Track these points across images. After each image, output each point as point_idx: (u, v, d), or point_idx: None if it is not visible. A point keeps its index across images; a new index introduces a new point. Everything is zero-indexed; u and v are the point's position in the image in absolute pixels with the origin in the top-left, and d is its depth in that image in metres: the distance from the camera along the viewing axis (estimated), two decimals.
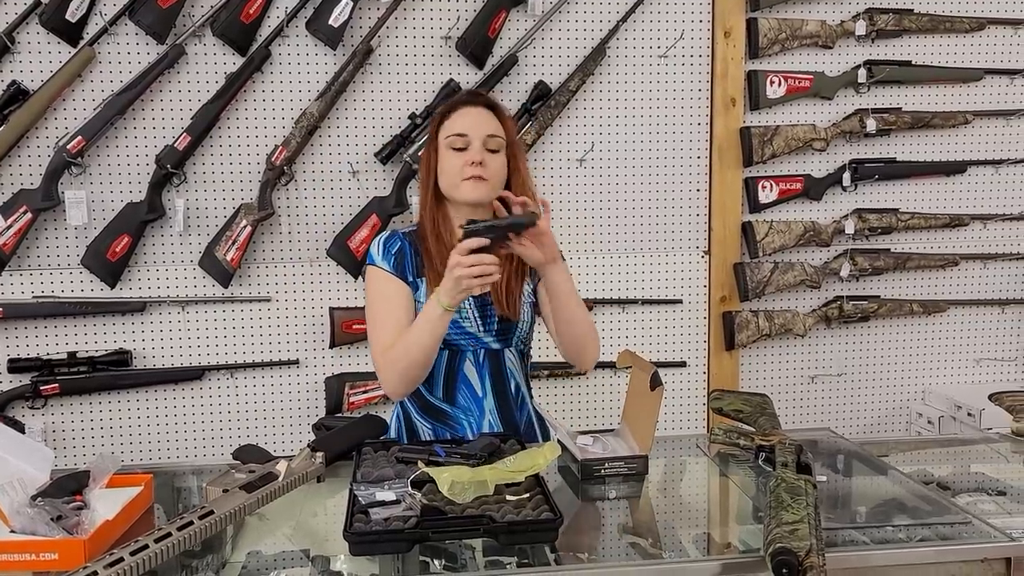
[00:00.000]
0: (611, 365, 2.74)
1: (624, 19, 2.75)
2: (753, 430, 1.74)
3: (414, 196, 2.70)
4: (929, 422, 3.00)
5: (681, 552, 1.37)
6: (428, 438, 1.81)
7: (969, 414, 2.82)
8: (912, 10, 2.89)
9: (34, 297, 2.58)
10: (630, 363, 1.74)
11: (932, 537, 1.37)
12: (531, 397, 1.90)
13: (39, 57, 2.52)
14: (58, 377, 2.58)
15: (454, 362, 1.80)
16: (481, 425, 1.80)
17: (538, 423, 1.90)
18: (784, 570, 1.16)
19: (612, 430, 1.75)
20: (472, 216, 1.71)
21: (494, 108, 1.80)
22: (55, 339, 2.61)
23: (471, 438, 1.72)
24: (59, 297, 2.60)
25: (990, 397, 2.06)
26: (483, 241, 1.54)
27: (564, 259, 1.78)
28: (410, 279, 1.79)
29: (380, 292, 1.79)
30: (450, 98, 1.90)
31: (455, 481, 1.33)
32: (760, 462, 1.63)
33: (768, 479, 1.41)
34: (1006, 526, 1.36)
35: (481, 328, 1.79)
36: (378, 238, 1.84)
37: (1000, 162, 3.01)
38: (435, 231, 1.79)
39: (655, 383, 1.62)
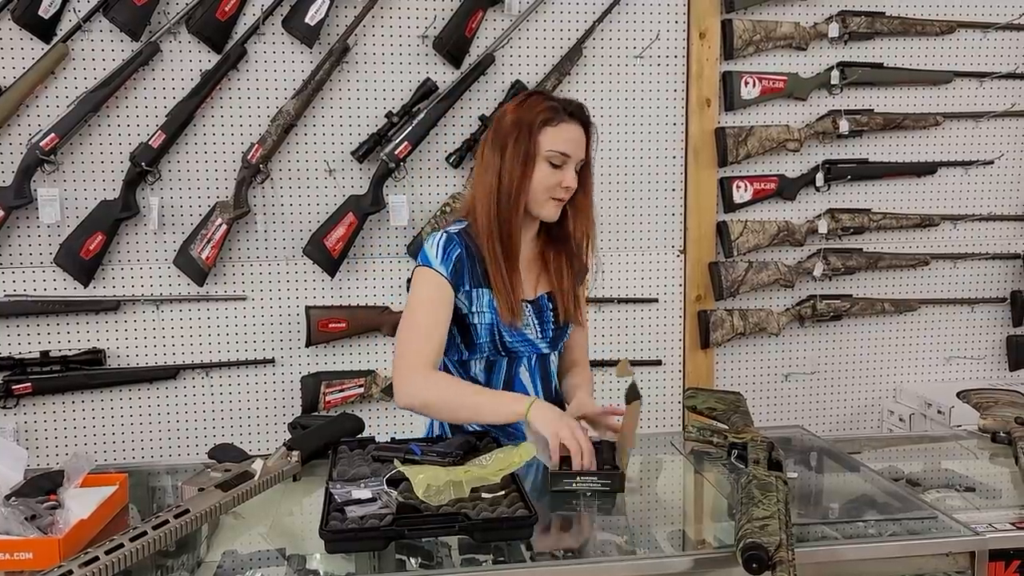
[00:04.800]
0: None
1: (600, 19, 2.77)
2: (726, 428, 1.76)
3: (390, 195, 2.70)
4: (900, 419, 3.04)
5: (655, 548, 1.38)
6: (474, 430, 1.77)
7: (939, 411, 2.86)
8: (884, 13, 2.93)
9: (6, 296, 2.56)
10: (627, 374, 1.70)
11: (900, 532, 1.39)
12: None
13: (11, 54, 2.49)
14: (31, 376, 2.56)
15: (511, 368, 1.78)
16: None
17: None
18: (754, 564, 1.17)
19: (611, 441, 1.65)
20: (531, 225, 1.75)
21: (588, 127, 1.73)
22: (27, 338, 2.59)
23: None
24: (32, 296, 2.57)
25: (958, 395, 2.10)
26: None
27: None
28: (467, 287, 1.71)
29: (428, 298, 1.70)
30: (550, 103, 1.71)
31: (430, 484, 1.33)
32: (733, 459, 1.65)
33: (740, 476, 1.42)
34: (972, 521, 1.39)
35: (539, 335, 1.78)
36: (435, 239, 1.72)
37: (970, 163, 3.06)
38: (505, 232, 1.70)
39: (632, 396, 1.61)
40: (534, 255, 1.80)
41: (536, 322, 1.78)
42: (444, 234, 1.74)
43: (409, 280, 2.69)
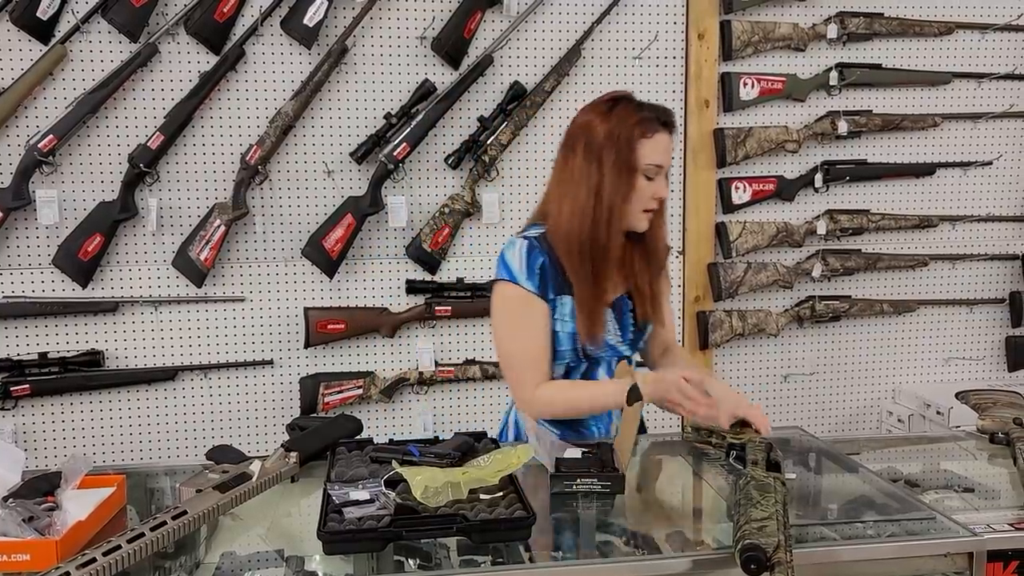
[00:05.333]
0: None
1: (599, 20, 2.77)
2: (725, 428, 1.76)
3: (389, 196, 2.70)
4: (899, 420, 3.04)
5: (654, 549, 1.38)
6: (554, 441, 1.75)
7: (938, 412, 2.87)
8: (882, 14, 2.93)
9: (4, 297, 2.56)
10: (627, 375, 1.71)
11: (898, 533, 1.39)
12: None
13: (10, 55, 2.49)
14: (29, 378, 2.56)
15: (590, 372, 1.78)
16: (609, 429, 1.81)
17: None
18: (752, 566, 1.18)
19: (610, 443, 1.66)
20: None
21: (673, 133, 1.71)
22: (26, 339, 2.59)
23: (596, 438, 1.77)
24: (30, 297, 2.57)
25: (957, 395, 2.10)
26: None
27: None
28: (551, 296, 1.69)
29: (527, 319, 1.68)
30: (641, 111, 1.68)
31: (428, 486, 1.33)
32: (731, 460, 1.65)
33: (739, 477, 1.43)
34: (970, 521, 1.39)
35: (620, 339, 1.78)
36: (516, 249, 1.68)
37: (968, 164, 3.06)
38: (598, 249, 1.66)
39: (631, 398, 1.61)
40: (620, 257, 1.76)
41: (616, 326, 1.76)
42: (524, 242, 1.70)
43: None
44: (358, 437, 1.74)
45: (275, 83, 2.65)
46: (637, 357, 1.88)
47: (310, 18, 2.57)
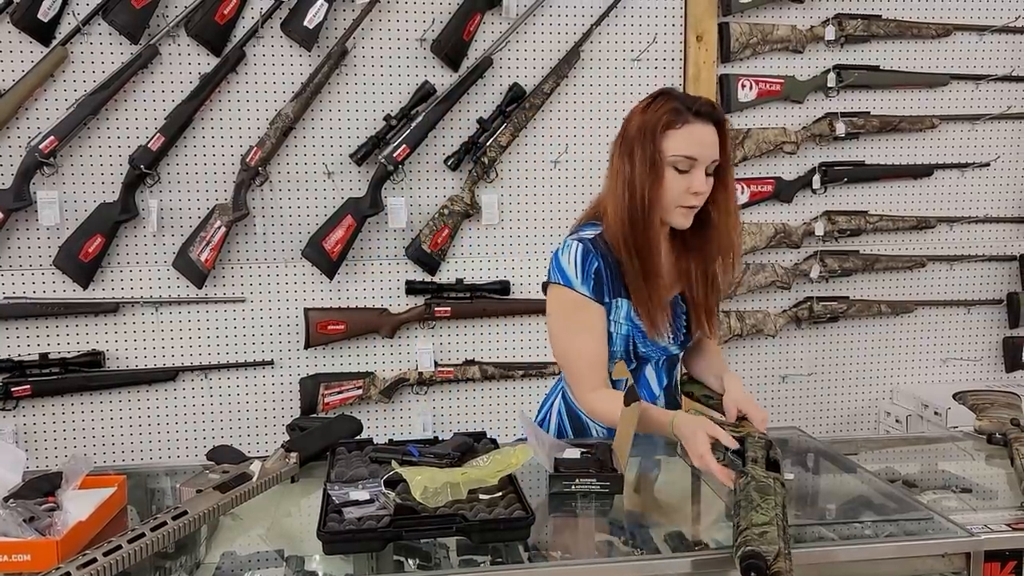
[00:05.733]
0: None
1: (598, 23, 2.78)
2: (723, 418, 1.75)
3: (389, 197, 2.71)
4: (897, 421, 3.05)
5: (653, 549, 1.39)
6: (600, 434, 1.78)
7: (936, 413, 2.87)
8: (880, 16, 2.94)
9: (5, 298, 2.56)
10: (624, 376, 1.68)
11: (896, 533, 1.40)
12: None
13: (10, 56, 2.50)
14: (30, 378, 2.56)
15: (639, 371, 1.77)
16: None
17: None
18: (752, 573, 1.18)
19: (608, 443, 1.65)
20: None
21: (720, 124, 1.62)
22: (27, 340, 2.59)
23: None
24: (31, 298, 2.58)
25: (954, 396, 2.10)
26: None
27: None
28: (606, 300, 1.68)
29: (583, 323, 1.66)
30: (674, 104, 1.62)
31: (427, 486, 1.34)
32: (729, 454, 1.65)
33: (738, 475, 1.43)
34: (968, 522, 1.39)
35: (671, 340, 1.76)
36: (571, 252, 1.66)
37: (965, 165, 3.07)
38: (641, 246, 1.63)
39: (630, 398, 1.61)
40: (673, 260, 1.75)
41: (669, 326, 1.73)
42: (579, 244, 1.67)
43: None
44: (358, 437, 1.74)
45: (275, 85, 2.65)
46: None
47: (310, 20, 2.58)
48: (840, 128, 2.92)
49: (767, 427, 1.82)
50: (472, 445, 1.59)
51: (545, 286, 1.78)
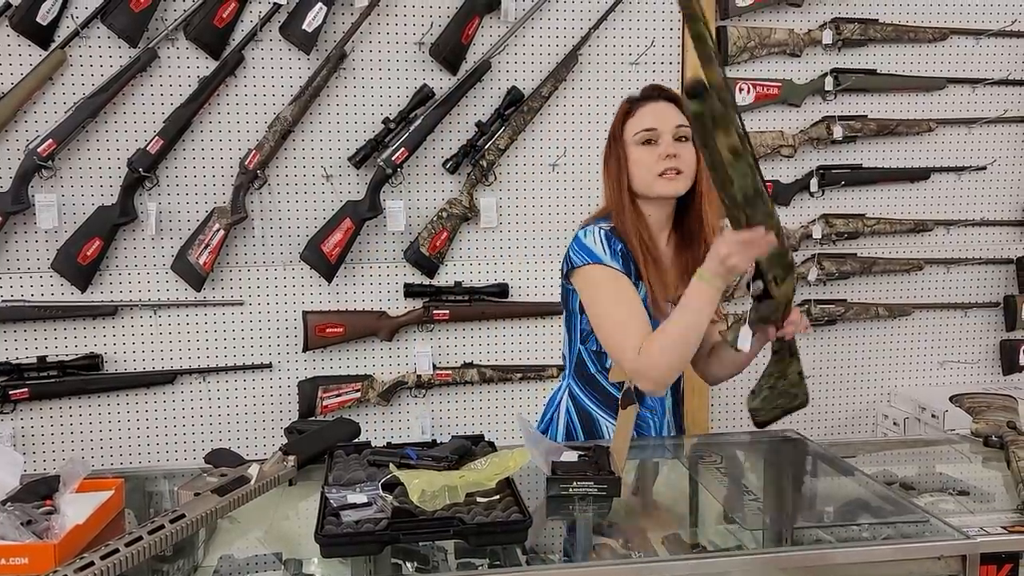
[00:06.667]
0: None
1: (596, 26, 2.78)
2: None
3: (387, 200, 2.71)
4: (895, 423, 3.05)
5: (651, 552, 1.39)
6: (609, 433, 1.77)
7: (933, 416, 2.88)
8: (877, 20, 2.95)
9: (3, 301, 2.56)
10: (622, 379, 1.69)
11: (892, 536, 1.40)
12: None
13: (9, 59, 2.50)
14: (28, 382, 2.56)
15: None
16: (662, 423, 1.83)
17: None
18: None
19: (606, 447, 1.65)
20: (660, 217, 1.73)
21: (676, 101, 1.74)
22: (25, 343, 2.59)
23: (652, 435, 1.81)
24: (29, 301, 2.58)
25: (951, 399, 2.11)
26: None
27: None
28: (633, 280, 1.71)
29: (619, 293, 1.68)
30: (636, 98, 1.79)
31: (425, 489, 1.34)
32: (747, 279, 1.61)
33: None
34: (964, 524, 1.39)
35: None
36: (595, 235, 1.71)
37: (962, 169, 3.08)
38: (637, 233, 1.71)
39: (627, 401, 1.61)
40: (673, 257, 1.79)
41: None
42: (600, 229, 1.72)
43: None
44: (356, 440, 1.74)
45: (274, 88, 2.66)
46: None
47: (309, 23, 2.59)
48: (837, 131, 2.93)
49: (766, 431, 1.84)
50: (470, 448, 1.59)
51: (567, 275, 1.77)
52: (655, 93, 1.76)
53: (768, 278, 1.55)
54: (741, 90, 2.89)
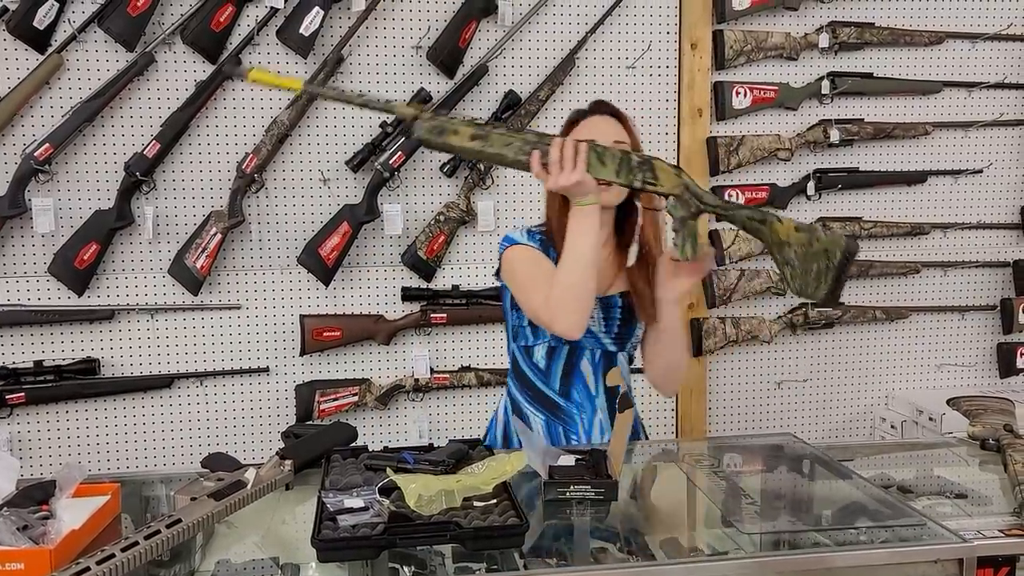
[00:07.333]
0: None
1: (593, 30, 2.79)
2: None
3: (385, 204, 2.71)
4: (892, 426, 3.05)
5: (649, 556, 1.39)
6: (540, 430, 1.82)
7: (930, 418, 2.88)
8: (873, 24, 2.96)
9: (0, 305, 2.56)
10: (618, 383, 1.70)
11: (890, 539, 1.40)
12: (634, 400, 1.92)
13: (6, 64, 2.50)
14: (24, 386, 2.56)
15: (572, 358, 1.82)
16: (592, 422, 1.83)
17: (640, 424, 1.95)
18: None
19: (603, 450, 1.65)
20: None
21: (620, 117, 1.81)
22: (21, 347, 2.59)
23: (577, 434, 1.80)
24: (26, 305, 2.57)
25: (948, 402, 2.11)
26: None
27: None
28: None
29: (530, 260, 1.77)
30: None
31: (422, 494, 1.34)
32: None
33: None
34: (961, 528, 1.39)
35: (603, 329, 1.81)
36: (517, 231, 1.83)
37: (959, 172, 3.08)
38: (563, 234, 1.72)
39: (624, 405, 1.61)
40: (611, 256, 1.83)
41: (601, 317, 1.80)
42: (525, 230, 1.84)
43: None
44: (353, 445, 1.74)
45: (271, 92, 2.66)
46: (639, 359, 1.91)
47: (306, 27, 2.59)
48: (834, 135, 2.94)
49: (763, 434, 1.83)
50: (467, 452, 1.59)
51: (498, 272, 1.85)
52: (599, 108, 1.83)
53: (641, 187, 1.62)
54: (738, 93, 2.90)
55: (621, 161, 1.60)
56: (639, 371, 1.91)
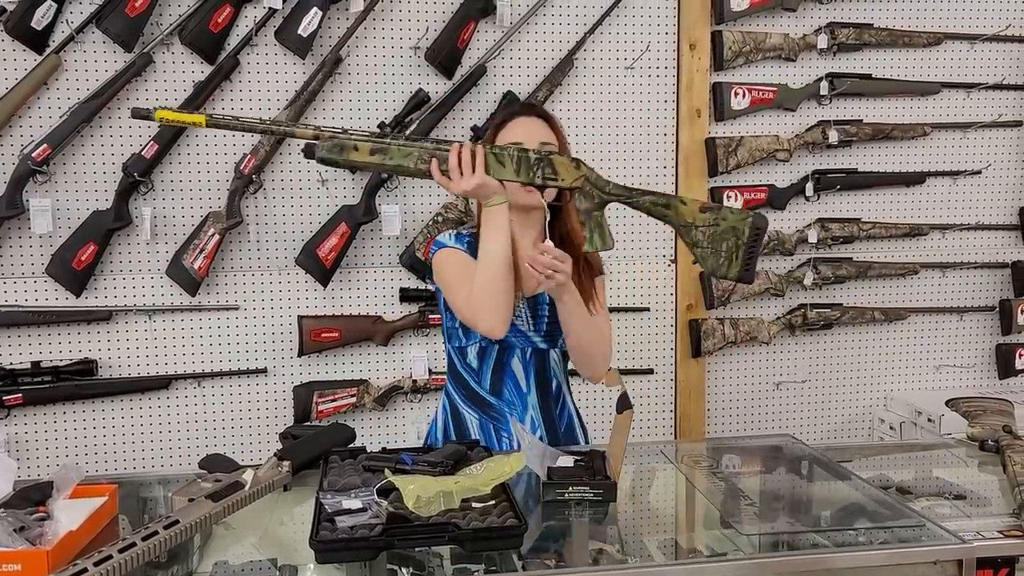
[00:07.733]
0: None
1: (591, 31, 2.79)
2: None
3: (383, 205, 2.71)
4: (891, 428, 3.05)
5: (647, 558, 1.39)
6: (474, 429, 1.85)
7: (929, 420, 2.88)
8: (872, 25, 2.96)
9: None
10: (616, 383, 1.70)
11: (889, 540, 1.40)
12: (571, 397, 1.94)
13: (3, 64, 2.50)
14: (21, 387, 2.55)
15: (502, 357, 1.83)
16: (523, 419, 1.84)
17: (578, 422, 1.94)
18: None
19: (602, 451, 1.65)
20: (525, 224, 1.79)
21: (547, 118, 1.84)
22: (19, 348, 2.58)
23: (507, 432, 1.81)
24: (23, 306, 2.57)
25: (947, 403, 2.11)
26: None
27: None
28: None
29: (456, 262, 1.80)
30: (506, 109, 1.96)
31: (420, 495, 1.34)
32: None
33: None
34: (960, 529, 1.39)
35: (532, 328, 1.83)
36: (447, 233, 1.86)
37: (958, 173, 3.08)
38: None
39: (622, 406, 1.61)
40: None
41: (528, 315, 1.82)
42: (453, 232, 1.87)
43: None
44: (351, 446, 1.74)
45: (269, 93, 2.66)
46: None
47: (304, 28, 2.59)
48: (833, 136, 2.94)
49: (762, 435, 1.83)
50: (465, 453, 1.59)
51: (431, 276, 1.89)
52: (527, 109, 1.86)
53: (542, 183, 1.64)
54: (736, 94, 2.90)
55: (519, 160, 1.64)
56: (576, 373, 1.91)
